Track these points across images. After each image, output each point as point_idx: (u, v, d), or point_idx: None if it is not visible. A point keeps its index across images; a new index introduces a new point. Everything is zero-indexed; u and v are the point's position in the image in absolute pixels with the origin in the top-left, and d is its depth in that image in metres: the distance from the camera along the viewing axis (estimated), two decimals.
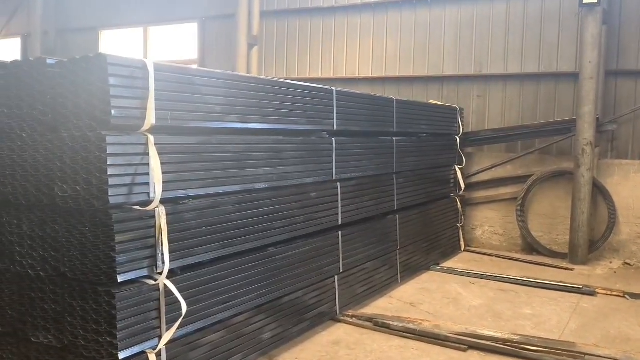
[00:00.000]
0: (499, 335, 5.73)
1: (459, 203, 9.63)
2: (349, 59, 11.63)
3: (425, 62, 10.88)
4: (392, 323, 5.99)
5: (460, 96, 10.55)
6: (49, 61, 3.84)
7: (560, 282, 7.84)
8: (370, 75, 11.41)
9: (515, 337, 5.67)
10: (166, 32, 14.28)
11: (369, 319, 6.16)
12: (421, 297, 7.21)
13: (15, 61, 4.01)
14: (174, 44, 14.13)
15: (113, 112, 3.62)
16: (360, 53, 11.50)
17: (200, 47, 13.46)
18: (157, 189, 3.87)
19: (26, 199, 4.00)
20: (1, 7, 16.69)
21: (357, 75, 11.53)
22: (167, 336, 4.03)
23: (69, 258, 3.86)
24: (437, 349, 5.58)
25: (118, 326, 3.70)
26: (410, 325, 5.94)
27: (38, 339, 4.08)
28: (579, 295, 7.37)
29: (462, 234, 9.85)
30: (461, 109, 9.77)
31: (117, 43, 15.05)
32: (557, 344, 5.54)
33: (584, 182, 8.86)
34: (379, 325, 6.02)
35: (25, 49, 16.73)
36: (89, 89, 3.67)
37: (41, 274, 4.00)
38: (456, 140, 9.51)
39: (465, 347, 5.54)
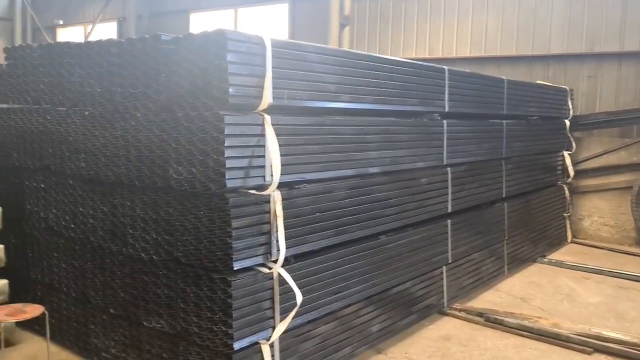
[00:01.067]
0: (627, 338, 5.19)
1: (566, 191, 8.97)
2: (445, 37, 11.08)
3: (530, 39, 10.17)
4: (505, 319, 5.57)
5: (568, 77, 9.79)
6: (163, 38, 3.69)
7: None
8: (468, 54, 10.83)
9: None
10: (255, 13, 14.20)
11: (479, 314, 5.77)
12: (531, 291, 6.72)
13: (130, 39, 3.89)
14: (263, 25, 14.01)
15: (231, 90, 3.41)
16: (457, 31, 10.92)
17: (290, 28, 13.28)
18: (274, 173, 3.65)
19: (140, 181, 3.90)
20: None
21: (454, 55, 10.97)
22: (281, 327, 3.83)
23: (182, 242, 3.73)
24: (557, 349, 5.12)
25: (234, 315, 3.53)
26: (526, 323, 5.50)
27: (150, 323, 4.00)
28: None
29: (569, 225, 9.19)
30: (571, 90, 9.06)
31: (206, 25, 15.16)
32: None
33: None
34: (491, 321, 5.62)
35: (120, 33, 17.19)
36: (205, 66, 3.48)
37: (154, 257, 3.90)
38: (565, 124, 8.84)
39: (590, 349, 5.06)
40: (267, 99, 3.64)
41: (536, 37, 10.12)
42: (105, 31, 17.45)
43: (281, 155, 3.77)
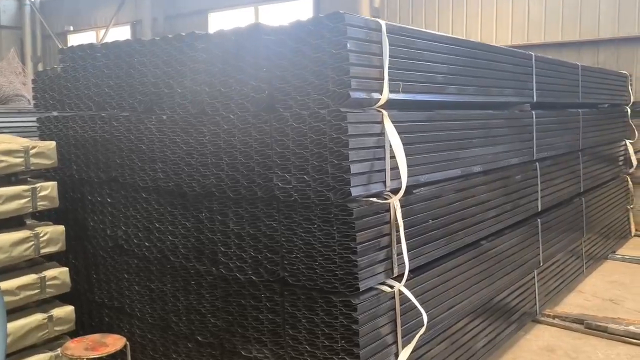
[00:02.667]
0: None
1: (630, 182, 8.49)
2: (484, 25, 10.59)
3: (577, 24, 9.68)
4: (609, 326, 5.10)
5: (621, 61, 9.31)
6: (264, 28, 3.21)
7: None
8: (509, 42, 10.32)
9: None
10: (277, 10, 13.73)
11: (577, 320, 5.29)
12: (617, 292, 6.25)
13: (222, 32, 3.42)
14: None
15: (353, 83, 2.94)
16: (497, 18, 10.44)
17: None
18: (402, 176, 3.18)
19: (234, 191, 3.42)
20: None
21: (493, 44, 10.47)
22: (405, 353, 3.36)
23: (289, 261, 3.26)
24: None
25: (360, 343, 3.06)
26: (632, 329, 5.03)
27: (250, 352, 3.53)
28: None
29: (632, 217, 8.71)
30: (629, 76, 8.59)
31: (226, 25, 14.69)
32: None
33: None
34: (593, 328, 5.15)
35: (134, 37, 16.74)
36: (319, 57, 3.01)
37: (253, 278, 3.43)
38: (627, 111, 8.36)
39: None
40: (386, 92, 3.17)
41: (584, 21, 9.64)
42: (118, 36, 16.99)
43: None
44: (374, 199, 3.14)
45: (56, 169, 4.47)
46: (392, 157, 3.25)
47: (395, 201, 3.24)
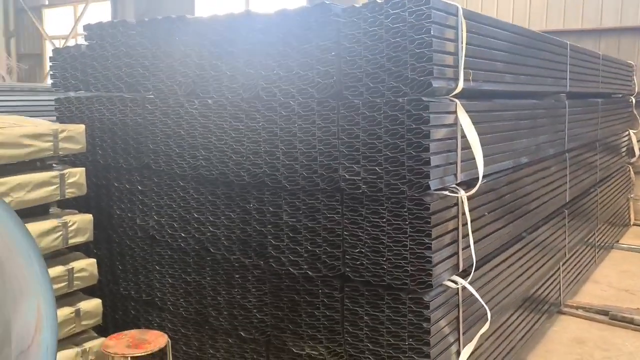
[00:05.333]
0: None
1: (631, 172, 8.55)
2: (484, 12, 10.49)
3: (579, 12, 9.68)
4: (635, 317, 5.10)
5: (622, 51, 9.34)
6: (333, 8, 3.01)
7: None
8: None
9: None
10: None
11: (601, 312, 5.29)
12: (630, 282, 6.28)
13: (284, 11, 3.19)
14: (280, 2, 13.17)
15: (435, 71, 2.78)
16: (498, 4, 10.36)
17: None
18: (479, 169, 3.06)
19: (291, 182, 3.24)
20: None
21: None
22: (466, 351, 3.26)
23: (353, 256, 3.10)
24: None
25: (431, 342, 2.94)
26: None
27: (303, 350, 3.38)
28: None
29: (632, 207, 8.79)
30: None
31: (213, 4, 14.27)
32: None
33: None
34: (618, 319, 5.15)
35: (115, 13, 16.13)
36: (397, 42, 2.83)
37: (309, 273, 3.27)
38: (632, 102, 8.38)
39: None
40: (462, 81, 3.02)
41: (586, 9, 9.64)
42: (98, 12, 16.37)
43: (465, 148, 3.17)
44: (447, 193, 3.01)
45: (82, 154, 4.21)
46: (463, 148, 3.12)
47: (461, 195, 3.10)
